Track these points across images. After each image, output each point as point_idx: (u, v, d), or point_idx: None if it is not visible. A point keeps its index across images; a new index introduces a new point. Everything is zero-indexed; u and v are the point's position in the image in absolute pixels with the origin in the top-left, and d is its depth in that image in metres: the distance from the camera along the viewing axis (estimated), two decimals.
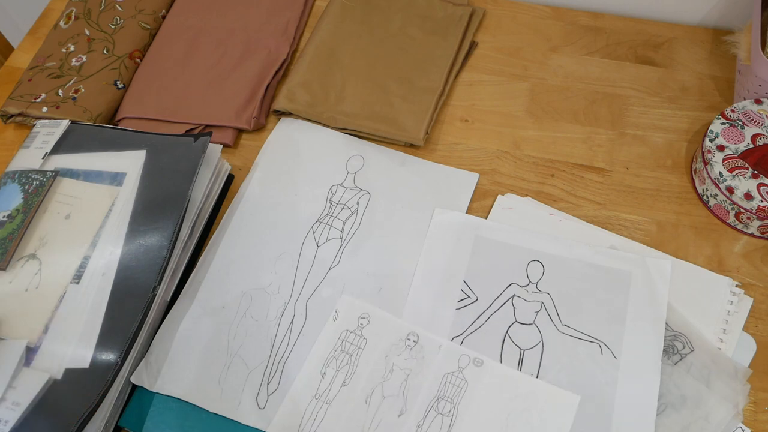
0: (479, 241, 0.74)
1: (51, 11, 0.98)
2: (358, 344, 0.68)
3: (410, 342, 0.67)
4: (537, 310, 0.69)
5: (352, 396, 0.65)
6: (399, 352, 0.67)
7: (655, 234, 0.75)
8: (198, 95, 0.86)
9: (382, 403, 0.65)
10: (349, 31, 0.90)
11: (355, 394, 0.65)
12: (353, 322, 0.69)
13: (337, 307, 0.70)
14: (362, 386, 0.66)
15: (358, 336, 0.68)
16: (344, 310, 0.70)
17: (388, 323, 0.69)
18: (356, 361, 0.67)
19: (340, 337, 0.68)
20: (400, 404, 0.65)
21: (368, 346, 0.68)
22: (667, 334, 0.67)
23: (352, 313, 0.70)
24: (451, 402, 0.64)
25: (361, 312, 0.70)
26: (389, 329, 0.69)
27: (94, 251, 0.70)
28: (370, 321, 0.69)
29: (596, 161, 0.81)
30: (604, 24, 0.92)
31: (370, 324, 0.69)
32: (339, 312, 0.70)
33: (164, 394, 0.66)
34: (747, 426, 0.63)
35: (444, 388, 0.65)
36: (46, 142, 0.78)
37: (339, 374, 0.66)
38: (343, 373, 0.66)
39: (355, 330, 0.69)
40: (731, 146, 0.74)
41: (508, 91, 0.87)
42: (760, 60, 0.75)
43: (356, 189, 0.79)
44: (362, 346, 0.68)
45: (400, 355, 0.67)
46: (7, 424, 0.60)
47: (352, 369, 0.67)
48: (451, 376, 0.66)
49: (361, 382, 0.66)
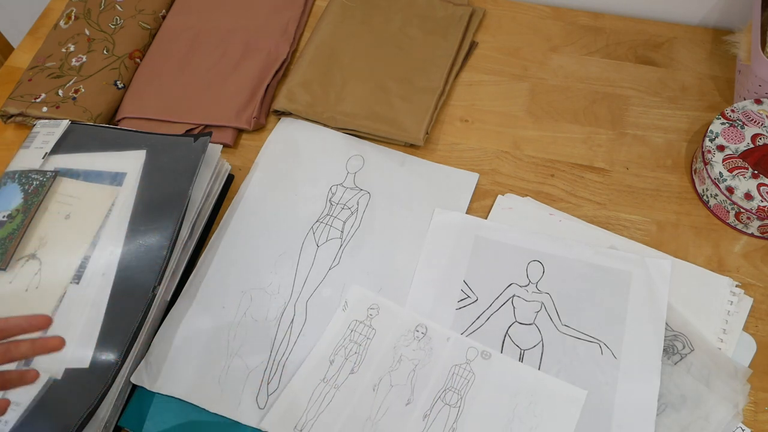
0: (479, 241, 0.74)
1: (51, 11, 0.98)
2: (366, 334, 0.68)
3: (418, 333, 0.68)
4: (537, 310, 0.69)
5: (360, 383, 0.66)
6: (407, 342, 0.67)
7: (655, 234, 0.75)
8: (198, 95, 0.86)
9: (390, 392, 0.65)
10: (349, 31, 0.90)
11: (363, 381, 0.66)
12: (362, 312, 0.70)
13: (347, 296, 0.71)
14: (370, 375, 0.66)
15: (367, 326, 0.69)
16: (353, 300, 0.70)
17: (396, 314, 0.69)
18: (365, 350, 0.67)
19: (350, 327, 0.69)
20: (407, 393, 0.65)
21: (377, 336, 0.68)
22: (667, 334, 0.67)
23: (362, 303, 0.70)
24: (458, 393, 0.65)
25: (371, 303, 0.70)
26: (398, 320, 0.69)
27: (94, 251, 0.70)
28: (379, 312, 0.69)
29: (596, 161, 0.81)
30: (604, 24, 0.92)
31: (379, 315, 0.69)
32: (348, 302, 0.70)
33: (164, 394, 0.66)
34: (747, 426, 0.63)
35: (451, 380, 0.65)
36: (46, 142, 0.78)
37: (347, 362, 0.67)
38: (351, 362, 0.67)
39: (364, 320, 0.69)
40: (731, 146, 0.74)
41: (508, 91, 0.87)
42: (760, 60, 0.75)
43: (356, 189, 0.79)
44: (371, 336, 0.68)
45: (409, 345, 0.67)
46: (8, 424, 0.60)
47: (361, 358, 0.67)
48: (459, 368, 0.66)
49: (369, 371, 0.66)
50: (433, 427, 0.63)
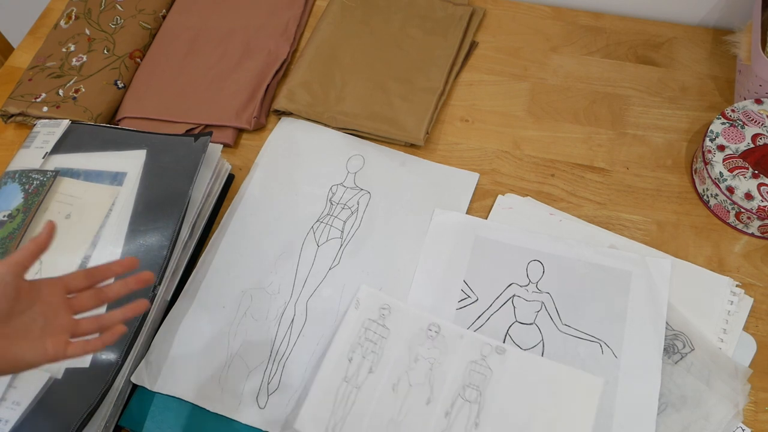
0: (479, 241, 0.74)
1: (51, 11, 0.98)
2: (381, 333, 0.68)
3: (431, 333, 0.68)
4: (537, 309, 0.69)
5: (379, 383, 0.66)
6: (421, 342, 0.68)
7: (655, 234, 0.75)
8: (198, 95, 0.86)
9: (410, 391, 0.65)
10: (349, 31, 0.90)
11: (382, 381, 0.66)
12: (374, 312, 0.70)
13: (358, 295, 0.71)
14: (388, 374, 0.66)
15: (381, 326, 0.69)
16: (365, 300, 0.70)
17: (408, 314, 0.69)
18: (381, 349, 0.67)
19: (363, 325, 0.69)
20: (427, 392, 0.65)
21: (391, 336, 0.68)
22: (668, 333, 0.67)
23: (373, 303, 0.70)
24: (477, 389, 0.65)
25: (382, 303, 0.70)
26: (410, 320, 0.69)
27: (94, 251, 0.70)
28: (391, 312, 0.69)
29: (596, 161, 0.81)
30: (605, 24, 0.92)
31: (391, 314, 0.69)
32: (360, 300, 0.70)
33: (164, 394, 0.66)
34: (747, 426, 0.63)
35: (469, 376, 0.66)
36: (46, 142, 0.78)
37: (365, 361, 0.67)
38: (369, 360, 0.67)
39: (377, 320, 0.69)
40: (731, 146, 0.74)
41: (508, 91, 0.87)
42: (761, 60, 0.75)
43: (356, 189, 0.79)
44: (385, 335, 0.68)
45: (423, 344, 0.67)
46: (8, 423, 0.60)
47: (377, 357, 0.67)
48: (475, 365, 0.66)
49: (387, 370, 0.66)
50: (456, 424, 0.63)
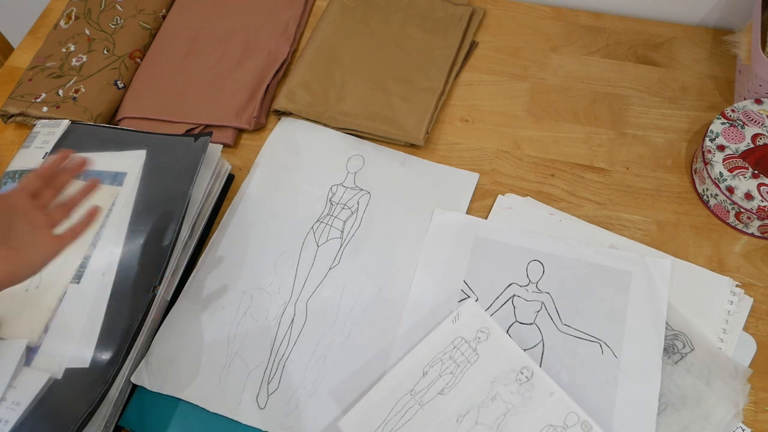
0: (479, 241, 0.74)
1: (51, 11, 0.98)
2: (468, 357, 0.64)
3: (522, 377, 0.63)
4: (537, 309, 0.69)
5: (445, 408, 0.62)
6: (507, 382, 0.62)
7: (655, 234, 0.75)
8: (198, 95, 0.86)
9: (474, 430, 0.60)
10: (349, 31, 0.90)
11: (450, 408, 0.62)
12: (471, 332, 0.65)
13: (460, 309, 0.67)
14: (459, 402, 0.62)
15: (472, 349, 0.64)
16: (466, 316, 0.66)
17: (505, 347, 0.64)
18: (462, 373, 0.63)
19: (453, 343, 0.65)
20: None
21: (478, 363, 0.63)
22: (668, 333, 0.67)
23: (473, 322, 0.66)
24: None
25: (482, 325, 0.65)
26: (505, 354, 0.64)
27: (94, 251, 0.70)
28: (489, 338, 0.65)
29: (596, 161, 0.81)
30: (605, 24, 0.92)
31: (488, 341, 0.65)
32: (460, 315, 0.66)
33: (164, 393, 0.66)
34: (747, 426, 0.63)
35: None
36: (46, 142, 0.78)
37: (440, 380, 0.63)
38: (444, 381, 0.63)
39: (471, 341, 0.64)
40: (731, 146, 0.74)
41: (508, 91, 0.87)
42: (761, 60, 0.75)
43: (356, 189, 0.79)
44: (472, 360, 0.64)
45: (508, 386, 0.62)
46: (8, 423, 0.60)
47: (455, 380, 0.63)
48: (554, 430, 0.61)
49: (458, 398, 0.62)
50: None
